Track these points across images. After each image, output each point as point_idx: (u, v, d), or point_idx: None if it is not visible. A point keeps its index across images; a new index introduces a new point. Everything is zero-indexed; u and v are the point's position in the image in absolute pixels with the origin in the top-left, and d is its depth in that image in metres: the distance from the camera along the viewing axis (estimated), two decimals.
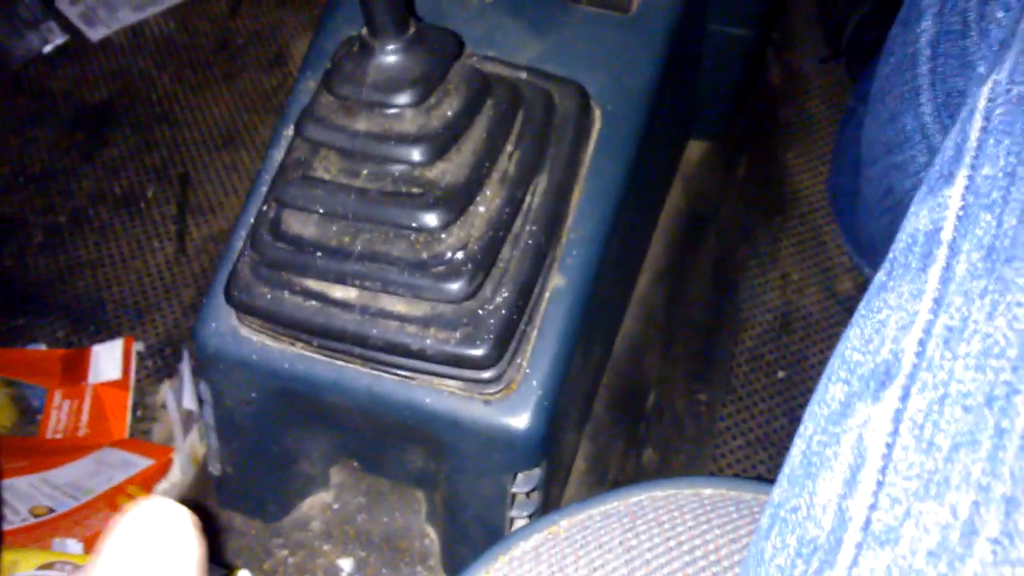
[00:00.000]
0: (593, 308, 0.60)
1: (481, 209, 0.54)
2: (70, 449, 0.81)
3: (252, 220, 0.58)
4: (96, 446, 0.81)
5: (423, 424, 0.57)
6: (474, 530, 0.62)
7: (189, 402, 0.82)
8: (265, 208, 0.56)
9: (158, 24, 1.16)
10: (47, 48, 1.14)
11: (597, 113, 0.61)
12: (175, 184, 1.02)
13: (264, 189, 0.59)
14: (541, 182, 0.57)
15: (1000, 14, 0.36)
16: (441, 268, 0.52)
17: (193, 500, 0.76)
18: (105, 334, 0.92)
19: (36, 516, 0.73)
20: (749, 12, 0.72)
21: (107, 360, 0.89)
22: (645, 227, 0.82)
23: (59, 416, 0.84)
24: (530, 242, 0.55)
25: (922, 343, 0.25)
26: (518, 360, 0.55)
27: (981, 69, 0.29)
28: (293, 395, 0.58)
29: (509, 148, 0.56)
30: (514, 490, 0.59)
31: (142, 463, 0.79)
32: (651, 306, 0.84)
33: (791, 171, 1.02)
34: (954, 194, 0.27)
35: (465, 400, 0.55)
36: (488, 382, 0.54)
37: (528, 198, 0.57)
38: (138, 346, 0.90)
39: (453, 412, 0.55)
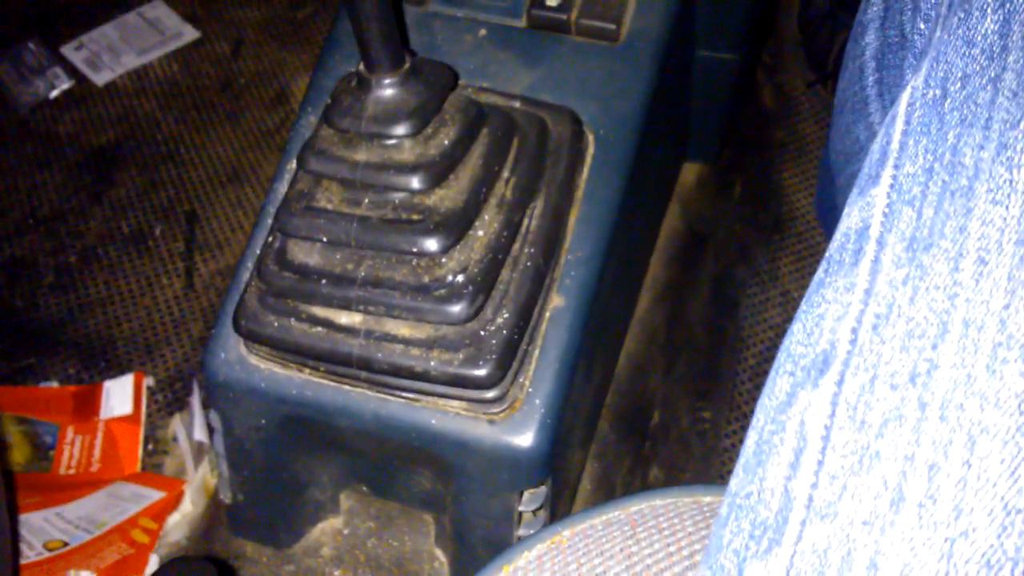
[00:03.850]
0: (593, 327, 0.62)
1: (480, 233, 0.55)
2: (83, 484, 0.82)
3: (258, 251, 0.60)
4: (109, 480, 0.82)
5: (429, 445, 0.58)
6: (483, 550, 0.63)
7: (199, 434, 0.83)
8: (271, 239, 0.58)
9: (162, 67, 1.19)
10: (53, 93, 1.17)
11: (590, 138, 0.63)
12: (182, 221, 1.04)
13: (269, 221, 0.61)
14: (538, 206, 0.59)
15: (922, 26, 0.39)
16: (442, 291, 0.53)
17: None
18: (116, 370, 0.93)
19: (51, 550, 0.74)
20: (734, 38, 0.74)
21: (118, 396, 0.90)
22: (642, 247, 0.83)
23: (72, 452, 0.86)
24: (529, 264, 0.57)
25: (854, 331, 0.27)
26: (521, 379, 0.57)
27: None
28: (302, 421, 0.60)
29: (505, 174, 0.58)
30: (521, 508, 0.60)
31: (154, 495, 0.80)
32: (652, 326, 0.85)
33: (786, 190, 1.03)
34: (880, 193, 0.29)
35: (470, 420, 0.56)
36: (492, 402, 0.55)
37: (525, 221, 0.58)
38: (148, 381, 0.91)
39: (458, 432, 0.56)
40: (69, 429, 0.87)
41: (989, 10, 0.29)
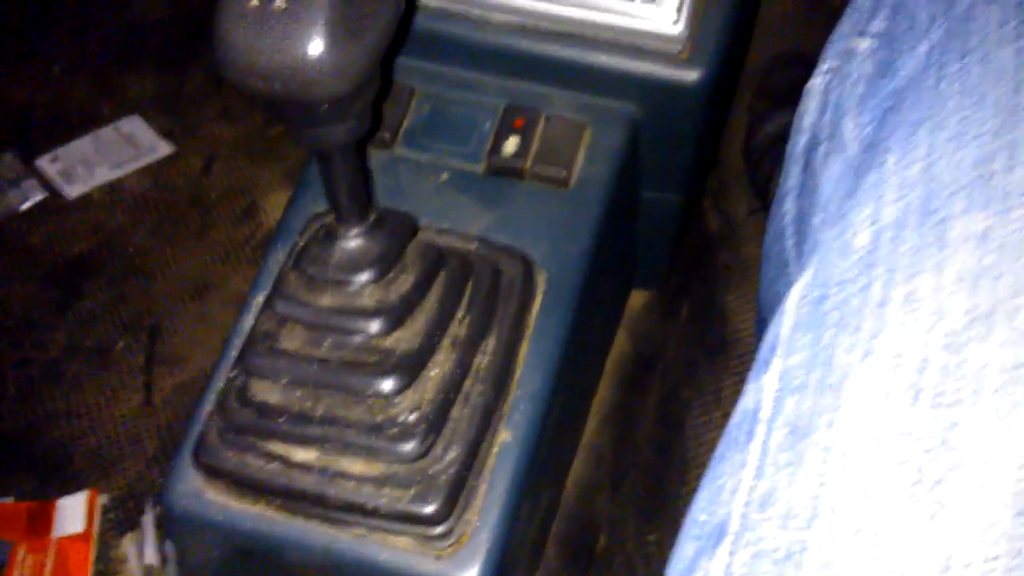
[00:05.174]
0: (540, 460, 0.65)
1: (433, 372, 0.59)
2: None
3: (221, 384, 0.62)
4: None
5: None
6: None
7: (150, 556, 0.83)
8: (234, 375, 0.60)
9: (135, 181, 1.22)
10: (26, 205, 1.19)
11: (541, 277, 0.67)
12: (145, 336, 1.06)
13: (233, 354, 0.64)
14: (490, 344, 0.63)
15: (815, 221, 0.43)
16: (395, 430, 0.56)
17: None
18: (73, 486, 0.93)
19: None
20: (678, 181, 0.80)
21: (71, 513, 0.91)
22: (590, 376, 0.87)
23: (22, 571, 0.85)
24: (479, 400, 0.60)
25: (746, 505, 0.31)
26: (468, 515, 0.59)
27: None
28: (255, 554, 0.61)
29: (460, 314, 0.61)
30: None
31: None
32: (600, 449, 0.88)
33: (731, 312, 1.08)
34: (769, 380, 0.33)
35: (417, 556, 0.58)
36: (439, 537, 0.57)
37: (477, 358, 0.62)
38: (102, 499, 0.92)
39: (406, 568, 0.58)
40: (21, 548, 0.87)
41: (863, 226, 0.33)
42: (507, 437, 0.62)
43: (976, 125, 0.32)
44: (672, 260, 0.99)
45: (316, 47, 0.43)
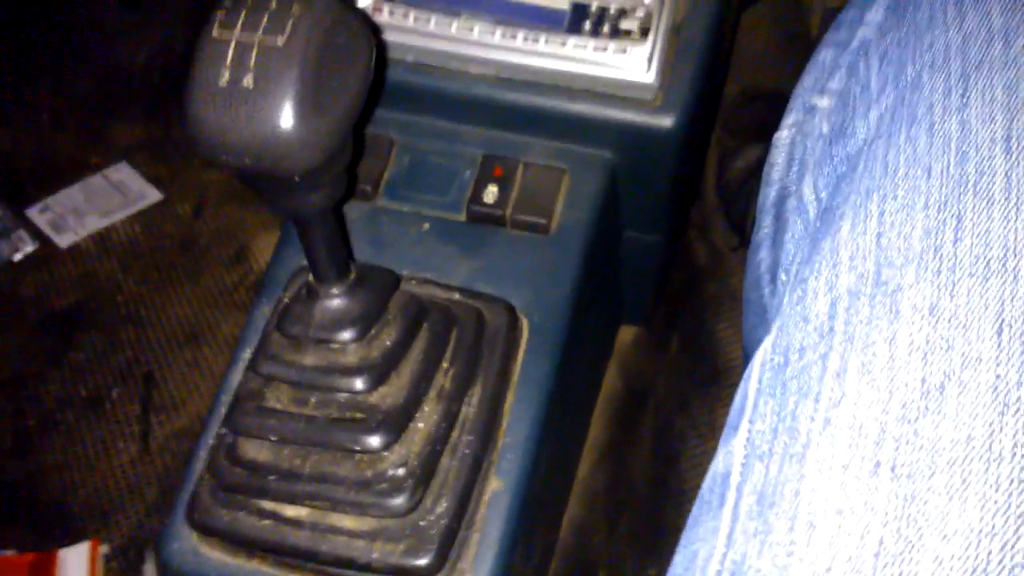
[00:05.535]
0: (532, 505, 0.65)
1: (420, 425, 0.59)
2: None
3: (211, 441, 0.63)
4: None
5: None
6: None
7: None
8: (223, 433, 0.61)
9: (125, 228, 1.23)
10: (17, 256, 1.20)
11: (524, 324, 0.68)
12: (139, 384, 1.07)
13: (222, 411, 0.64)
14: (475, 393, 0.63)
15: (784, 277, 0.44)
16: (384, 485, 0.57)
17: None
18: (72, 537, 0.94)
19: None
20: (658, 221, 0.81)
21: (74, 565, 0.91)
22: (581, 416, 0.88)
23: None
24: (467, 451, 0.61)
25: (719, 574, 0.31)
26: (461, 565, 0.60)
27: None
28: None
29: (445, 365, 0.62)
30: None
31: None
32: (594, 488, 0.89)
33: (722, 342, 1.09)
34: (738, 444, 0.34)
35: None
36: None
37: (463, 409, 0.63)
38: (103, 548, 0.92)
39: None
40: None
41: (820, 293, 0.34)
42: (498, 486, 0.63)
43: (923, 196, 0.33)
44: (658, 296, 1.00)
45: (286, 122, 0.43)
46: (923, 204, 0.33)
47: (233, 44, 0.44)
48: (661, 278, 0.95)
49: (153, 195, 1.26)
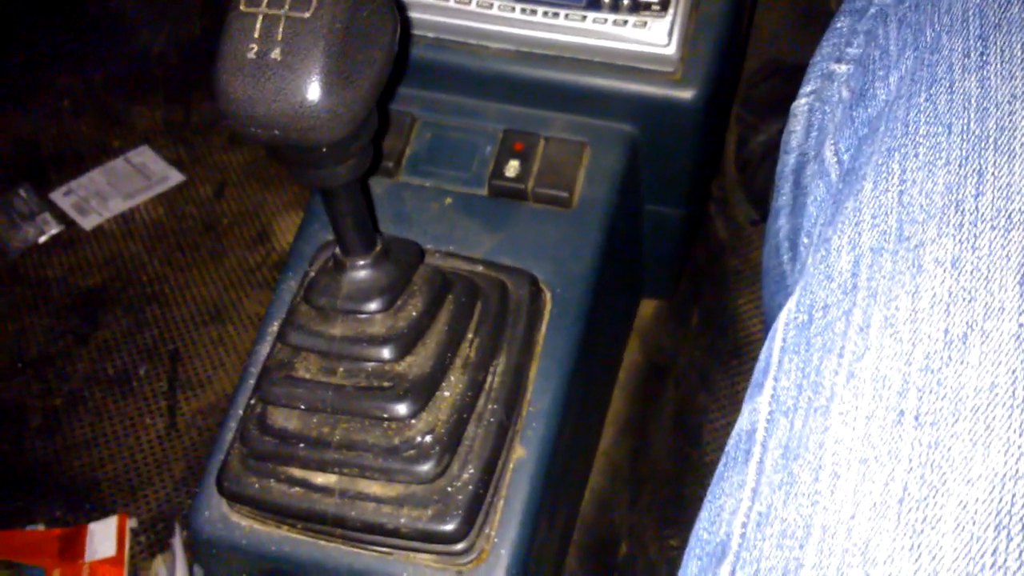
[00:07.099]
0: (555, 474, 0.66)
1: (446, 394, 0.60)
2: None
3: (240, 412, 0.64)
4: None
5: None
6: None
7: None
8: (252, 403, 0.62)
9: (148, 210, 1.25)
10: (42, 238, 1.22)
11: (547, 297, 0.69)
12: (165, 361, 1.08)
13: (251, 383, 0.66)
14: (500, 363, 0.64)
15: (806, 240, 0.44)
16: (411, 452, 0.58)
17: None
18: (100, 512, 0.96)
19: None
20: (679, 194, 0.81)
21: (102, 538, 0.93)
22: (603, 387, 0.88)
23: None
24: (492, 420, 0.62)
25: (744, 525, 0.32)
26: (487, 530, 0.61)
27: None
28: (281, 575, 0.63)
29: (469, 336, 0.63)
30: None
31: None
32: (616, 460, 0.90)
33: (743, 316, 1.09)
34: (763, 401, 0.35)
35: (439, 572, 0.60)
36: (460, 554, 0.59)
37: (488, 379, 0.64)
38: (132, 522, 0.94)
39: None
40: (55, 572, 0.89)
41: (844, 251, 0.35)
42: (522, 453, 0.64)
43: (945, 153, 0.33)
44: (679, 270, 1.00)
45: (313, 95, 0.44)
46: (944, 161, 0.33)
47: (260, 18, 0.45)
48: (682, 251, 0.95)
49: (175, 177, 1.28)
